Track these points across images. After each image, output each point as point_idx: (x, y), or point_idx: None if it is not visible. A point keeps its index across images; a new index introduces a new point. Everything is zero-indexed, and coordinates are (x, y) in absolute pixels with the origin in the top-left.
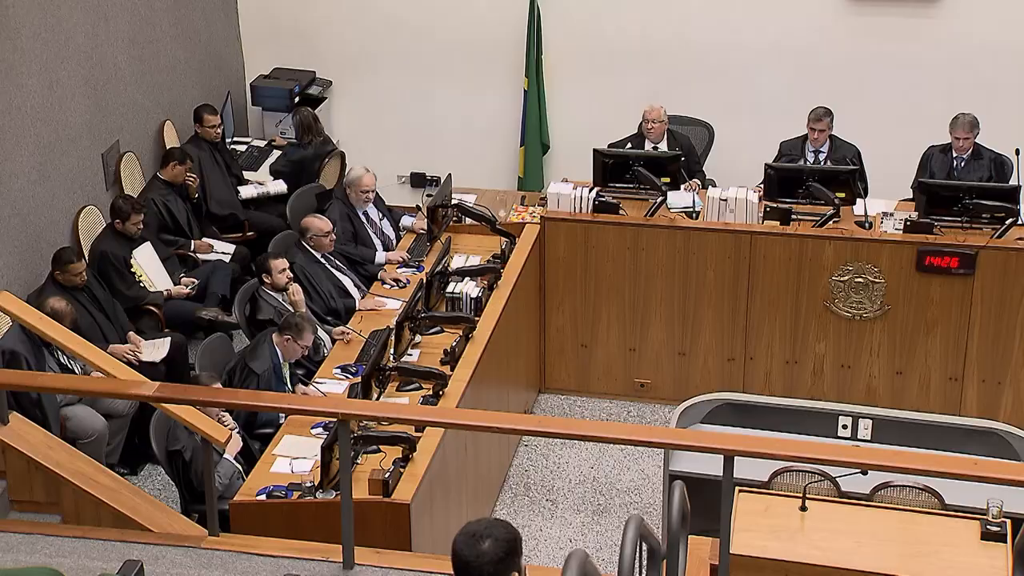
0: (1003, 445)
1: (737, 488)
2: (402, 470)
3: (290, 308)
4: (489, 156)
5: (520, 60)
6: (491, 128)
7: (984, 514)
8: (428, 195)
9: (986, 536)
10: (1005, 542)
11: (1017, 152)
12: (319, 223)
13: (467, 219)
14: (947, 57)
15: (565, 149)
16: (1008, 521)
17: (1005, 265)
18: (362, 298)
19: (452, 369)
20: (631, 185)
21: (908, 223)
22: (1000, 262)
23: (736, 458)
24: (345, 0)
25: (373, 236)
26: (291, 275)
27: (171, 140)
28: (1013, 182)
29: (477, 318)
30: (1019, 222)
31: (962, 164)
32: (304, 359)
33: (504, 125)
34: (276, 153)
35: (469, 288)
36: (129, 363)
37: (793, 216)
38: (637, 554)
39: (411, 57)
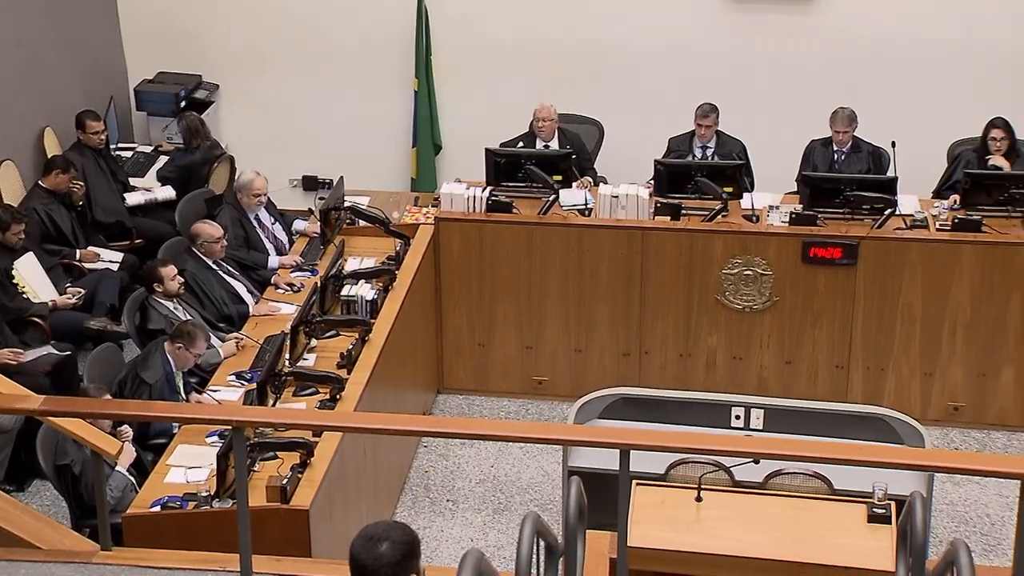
0: (887, 429)
1: (634, 481)
2: (300, 476)
3: (182, 316)
4: (381, 158)
5: (409, 61)
6: (382, 129)
7: (870, 497)
8: (320, 198)
9: (872, 519)
10: (890, 523)
11: (893, 144)
12: (209, 229)
13: (360, 221)
14: (825, 52)
15: (457, 149)
16: (892, 503)
17: (885, 254)
18: (256, 304)
19: (349, 372)
20: (524, 184)
21: (793, 216)
22: (880, 252)
23: (633, 452)
24: (230, 2)
25: (265, 241)
26: (182, 280)
27: (52, 147)
28: (890, 173)
29: (373, 320)
30: (897, 212)
31: (842, 157)
32: (197, 367)
33: (395, 126)
34: (163, 158)
35: (364, 291)
36: (10, 369)
37: (683, 211)
38: (534, 551)
39: (299, 59)
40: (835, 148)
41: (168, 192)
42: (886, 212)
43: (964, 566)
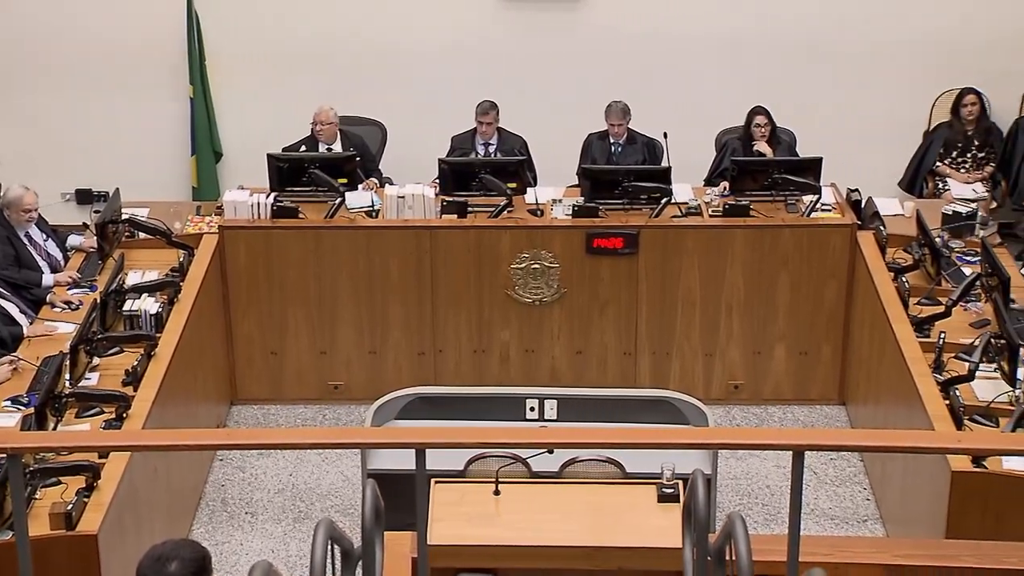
0: (674, 411)
1: (433, 480)
2: (86, 500)
3: None
4: (159, 167)
5: (183, 66)
6: (158, 138)
7: (660, 478)
8: (96, 211)
9: (662, 498)
10: (678, 502)
11: (665, 135)
12: None
13: (140, 234)
14: (595, 48)
15: (239, 156)
16: (680, 482)
17: (664, 242)
18: (31, 324)
19: (135, 390)
20: (308, 188)
21: (575, 208)
22: (659, 240)
23: (429, 450)
24: None
25: (38, 258)
26: None
27: None
28: (664, 163)
29: (158, 335)
30: (673, 201)
31: (619, 149)
32: None
33: (172, 134)
34: None
35: (148, 304)
36: None
37: (469, 209)
38: (330, 558)
39: (64, 68)
40: (611, 141)
41: None
42: (662, 201)
43: (739, 537)
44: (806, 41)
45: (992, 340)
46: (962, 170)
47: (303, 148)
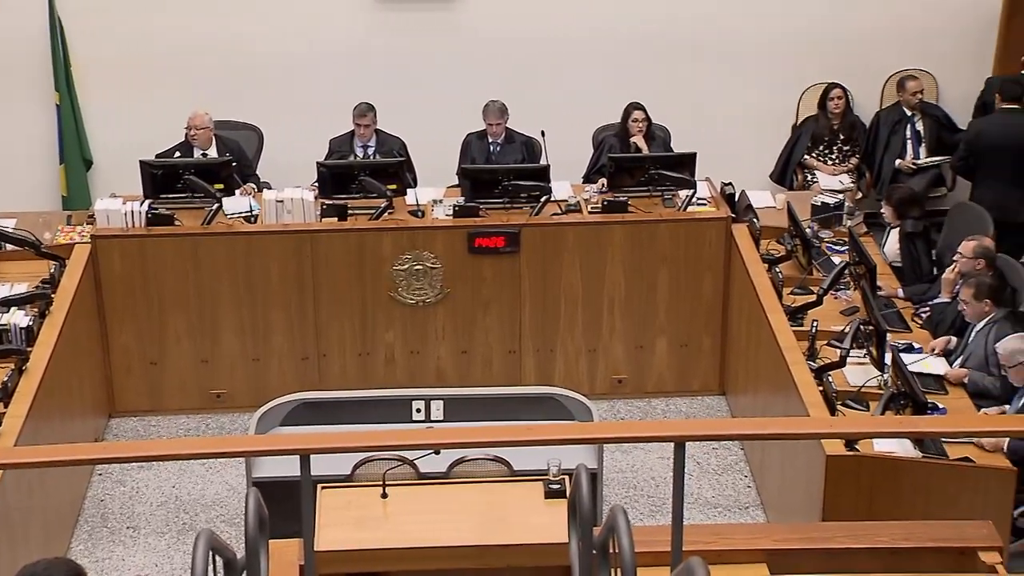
0: (559, 407)
1: (320, 485)
2: None
3: None
4: (26, 177)
5: (47, 73)
6: (24, 147)
7: (546, 474)
8: None
9: (549, 495)
10: (565, 497)
11: (543, 133)
12: None
13: (7, 245)
14: (471, 48)
15: (110, 163)
16: (566, 478)
17: (544, 240)
18: None
19: (6, 406)
20: (184, 195)
21: (456, 208)
22: (540, 237)
23: (315, 455)
24: None
25: None
26: None
27: None
28: (543, 162)
29: (30, 349)
30: (552, 198)
31: (498, 148)
32: None
33: (39, 143)
34: None
35: (17, 318)
36: None
37: (349, 211)
38: (211, 569)
39: None
40: (490, 140)
41: None
42: (542, 199)
43: (621, 529)
44: (677, 39)
45: (861, 326)
46: (829, 162)
47: (177, 154)
